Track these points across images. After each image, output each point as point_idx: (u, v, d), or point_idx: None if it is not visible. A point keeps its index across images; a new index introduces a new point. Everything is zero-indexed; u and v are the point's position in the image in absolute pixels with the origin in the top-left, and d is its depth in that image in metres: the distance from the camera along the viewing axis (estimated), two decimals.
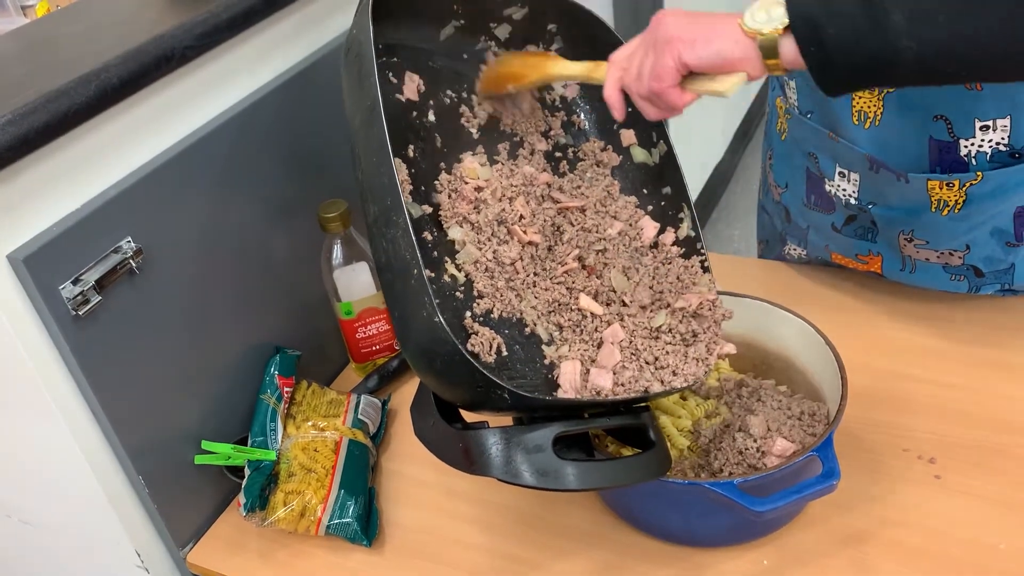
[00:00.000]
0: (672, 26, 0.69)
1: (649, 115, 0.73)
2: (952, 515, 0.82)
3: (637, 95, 0.73)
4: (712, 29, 0.68)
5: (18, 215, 0.74)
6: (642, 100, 0.73)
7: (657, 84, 0.70)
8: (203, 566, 0.92)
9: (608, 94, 0.75)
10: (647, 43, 0.72)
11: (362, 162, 0.72)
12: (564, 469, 0.68)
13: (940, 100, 0.86)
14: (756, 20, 0.66)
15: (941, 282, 0.99)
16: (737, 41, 0.67)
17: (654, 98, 0.71)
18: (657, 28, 0.70)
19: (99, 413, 0.82)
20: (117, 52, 0.78)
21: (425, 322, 0.66)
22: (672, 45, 0.68)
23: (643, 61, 0.72)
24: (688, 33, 0.68)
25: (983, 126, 0.86)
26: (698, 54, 0.68)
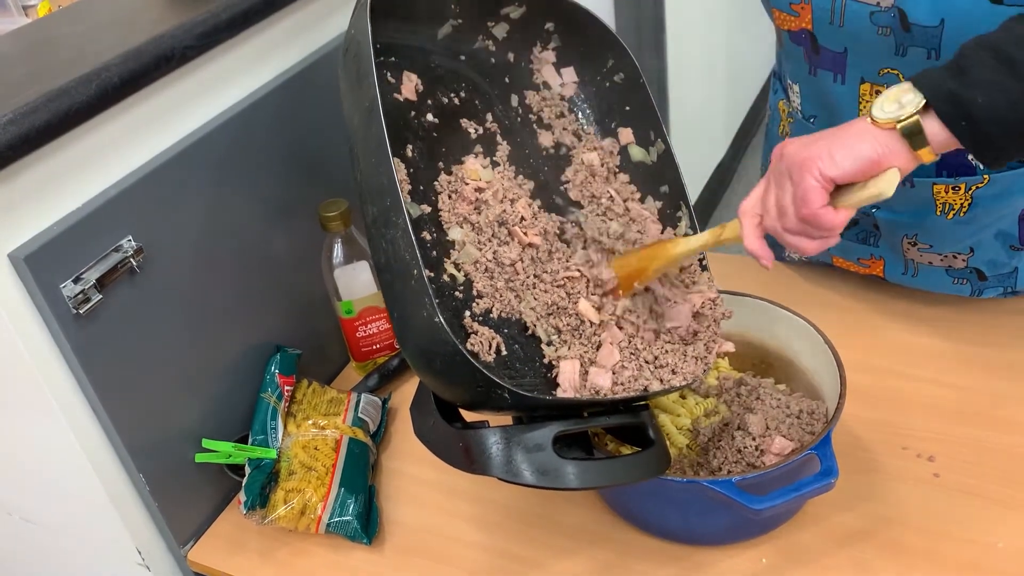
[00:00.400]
0: (800, 149, 0.66)
1: (807, 250, 0.68)
2: (950, 514, 0.82)
3: (786, 232, 0.68)
4: (843, 137, 0.65)
5: (19, 214, 0.74)
6: (794, 236, 0.68)
7: (807, 210, 0.65)
8: (204, 564, 0.92)
9: (751, 246, 0.71)
10: (777, 178, 0.68)
11: (361, 162, 0.72)
12: (564, 468, 0.69)
13: None
14: (886, 111, 0.63)
15: (944, 285, 0.99)
16: (875, 138, 0.64)
17: (807, 228, 0.66)
18: (782, 158, 0.67)
19: (100, 411, 0.82)
20: (117, 52, 0.79)
21: (425, 322, 0.66)
22: (808, 165, 0.64)
23: (780, 196, 0.67)
24: (819, 149, 0.65)
25: None
26: (838, 164, 0.64)
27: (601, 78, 0.91)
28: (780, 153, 0.68)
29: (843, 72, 0.88)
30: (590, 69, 0.91)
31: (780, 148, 0.68)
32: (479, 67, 0.87)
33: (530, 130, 0.89)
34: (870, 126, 0.64)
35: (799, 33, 0.89)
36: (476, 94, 0.87)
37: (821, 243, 0.68)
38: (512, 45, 0.88)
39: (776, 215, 0.68)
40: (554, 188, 0.89)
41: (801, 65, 0.93)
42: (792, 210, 0.66)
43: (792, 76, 0.97)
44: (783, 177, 0.67)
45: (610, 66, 0.90)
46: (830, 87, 0.90)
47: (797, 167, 0.65)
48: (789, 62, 0.97)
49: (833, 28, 0.85)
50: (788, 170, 0.66)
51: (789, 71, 0.98)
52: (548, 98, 0.91)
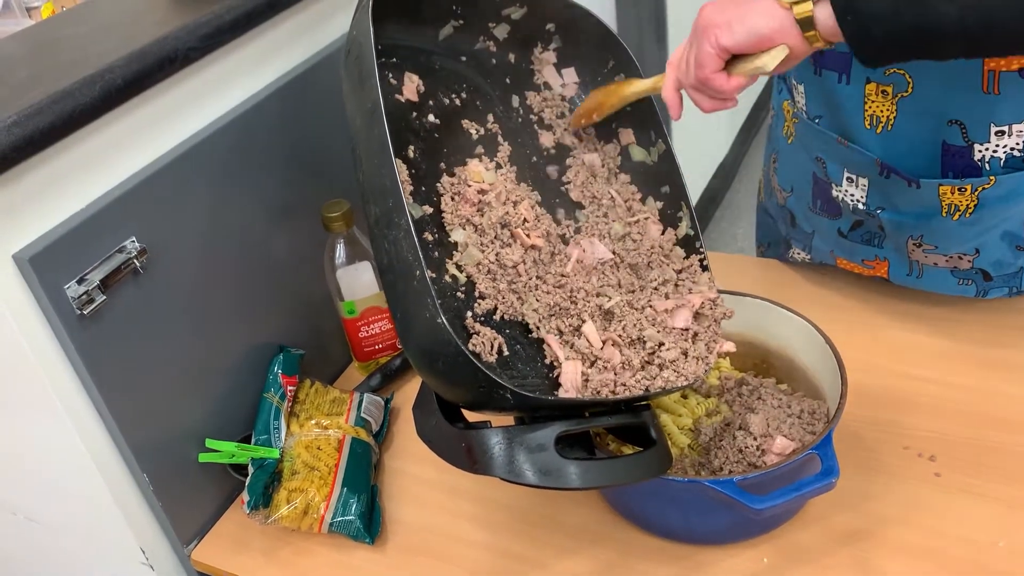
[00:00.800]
0: (708, 13, 0.71)
1: (704, 107, 0.74)
2: (951, 513, 0.82)
3: (689, 87, 0.74)
4: (746, 8, 0.69)
5: (23, 215, 0.75)
6: (694, 92, 0.74)
7: (701, 71, 0.71)
8: (207, 563, 0.92)
9: (665, 93, 0.77)
10: (691, 37, 0.73)
11: (363, 163, 0.72)
12: (566, 468, 0.69)
13: (955, 104, 0.85)
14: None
15: (949, 287, 0.99)
16: (772, 15, 0.68)
17: (702, 87, 0.73)
18: (697, 18, 0.72)
19: (104, 412, 0.82)
20: (121, 53, 0.79)
21: (427, 323, 0.67)
22: (709, 31, 0.70)
23: (688, 53, 0.73)
24: (723, 16, 0.70)
25: (999, 131, 0.85)
26: (733, 34, 0.69)
27: (602, 79, 0.91)
28: (700, 11, 0.72)
29: (848, 72, 0.88)
30: (591, 70, 0.91)
31: (702, 8, 0.72)
32: (480, 68, 0.88)
33: (531, 131, 0.90)
34: (772, 3, 0.68)
35: None
36: (477, 95, 0.87)
37: (717, 104, 0.74)
38: (513, 46, 0.89)
39: (684, 69, 0.74)
40: (555, 189, 0.89)
41: (806, 65, 0.93)
42: (692, 69, 0.72)
43: (797, 76, 0.97)
44: (694, 36, 0.72)
45: (611, 67, 0.90)
46: (835, 87, 0.90)
47: (701, 30, 0.71)
48: None
49: None
50: (696, 32, 0.71)
51: (794, 71, 0.98)
52: (549, 99, 0.91)
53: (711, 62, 0.71)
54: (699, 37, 0.71)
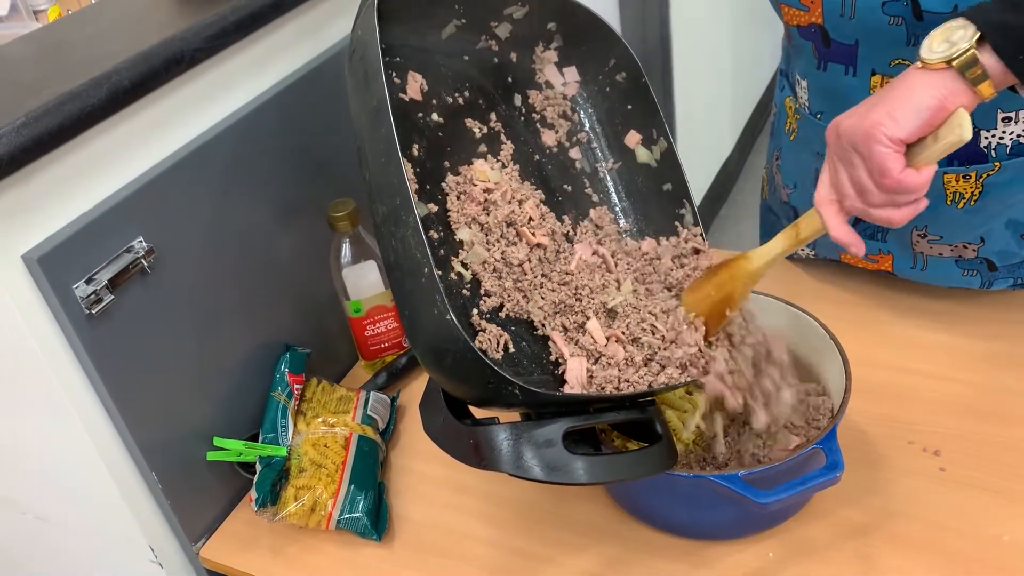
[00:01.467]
0: (857, 122, 0.63)
1: (898, 221, 0.65)
2: (956, 507, 0.82)
3: (873, 208, 0.65)
4: (897, 94, 0.62)
5: (32, 216, 0.75)
6: (881, 210, 0.65)
7: (889, 179, 0.62)
8: (216, 561, 0.93)
9: (839, 235, 0.67)
10: (843, 156, 0.65)
11: (370, 162, 0.72)
12: (574, 463, 0.69)
13: None
14: (936, 51, 0.61)
15: (954, 278, 0.99)
16: (930, 83, 0.61)
17: (893, 198, 0.63)
18: (840, 136, 0.64)
19: (112, 410, 0.83)
20: (128, 55, 0.80)
21: (436, 320, 0.67)
22: (872, 134, 0.62)
23: (854, 174, 0.64)
24: (877, 114, 0.62)
25: (1005, 117, 0.85)
26: (901, 123, 0.61)
27: (603, 77, 0.91)
28: (836, 132, 0.65)
29: (854, 64, 0.89)
30: (592, 68, 0.91)
31: (835, 126, 0.65)
32: (482, 67, 0.88)
33: (533, 129, 0.90)
34: (922, 72, 0.61)
35: (808, 28, 0.89)
36: (480, 94, 0.87)
37: (910, 209, 0.64)
38: (515, 45, 0.89)
39: (856, 194, 0.65)
40: (558, 187, 0.89)
41: (810, 60, 0.93)
42: (872, 184, 0.63)
43: (800, 72, 0.97)
44: (849, 154, 0.64)
45: (612, 65, 0.90)
46: (841, 80, 0.90)
47: (862, 140, 0.62)
48: (797, 58, 0.97)
49: (844, 20, 0.85)
50: (852, 146, 0.63)
51: (797, 67, 0.98)
52: (551, 97, 0.91)
53: (894, 163, 0.61)
54: (861, 146, 0.62)
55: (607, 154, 0.93)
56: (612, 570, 0.83)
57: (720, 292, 0.77)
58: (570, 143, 0.92)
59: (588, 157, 0.92)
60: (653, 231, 0.91)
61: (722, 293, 0.77)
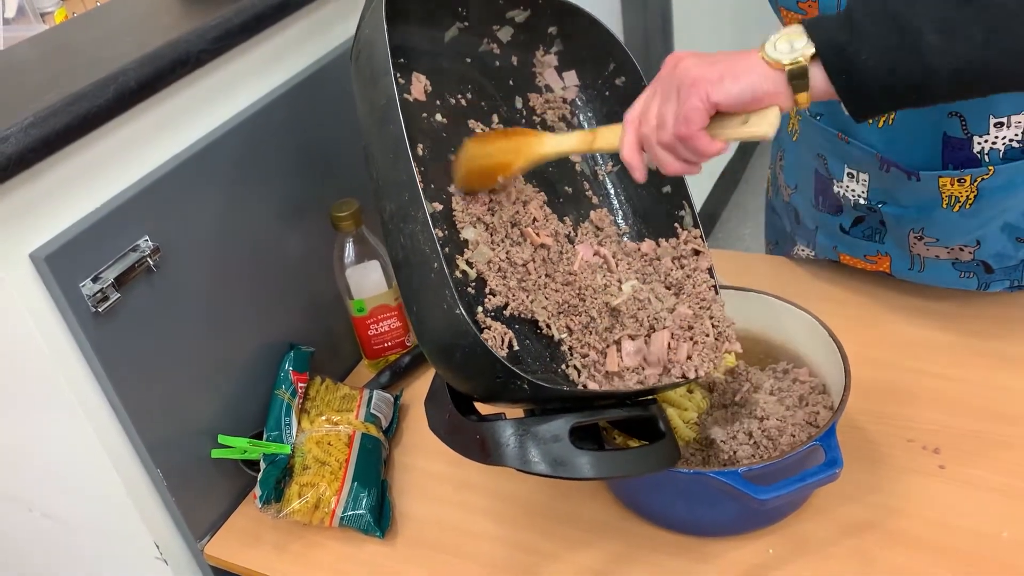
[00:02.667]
0: (693, 67, 0.65)
1: (669, 168, 0.69)
2: (955, 505, 0.83)
3: (659, 145, 0.68)
4: (737, 65, 0.65)
5: (40, 215, 0.76)
6: (663, 151, 0.68)
7: (685, 128, 0.65)
8: (220, 557, 0.93)
9: (627, 155, 0.70)
10: (665, 89, 0.67)
11: (377, 159, 0.72)
12: (580, 459, 0.69)
13: None
14: (779, 51, 0.64)
15: (951, 280, 0.99)
16: (766, 75, 0.64)
17: (679, 146, 0.67)
18: (675, 71, 0.66)
19: (118, 408, 0.84)
20: (134, 56, 0.80)
21: (445, 315, 0.67)
22: (698, 86, 0.64)
23: (664, 108, 0.67)
24: (713, 72, 0.65)
25: (998, 122, 0.86)
26: (727, 91, 0.64)
27: (603, 82, 0.92)
28: (675, 64, 0.67)
29: None
30: (592, 73, 0.92)
31: (676, 58, 0.67)
32: (484, 69, 0.89)
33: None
34: (763, 63, 0.65)
35: None
36: (482, 96, 0.88)
37: (685, 166, 0.68)
38: (516, 48, 0.90)
39: (655, 126, 0.68)
40: (559, 189, 0.90)
41: None
42: (671, 125, 0.66)
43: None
44: (671, 90, 0.67)
45: (612, 69, 0.91)
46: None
47: (687, 85, 0.65)
48: None
49: None
50: (678, 85, 0.66)
51: None
52: (551, 100, 0.92)
53: (699, 118, 0.65)
54: (683, 90, 0.65)
55: (606, 157, 0.93)
56: (614, 566, 0.84)
57: (501, 157, 0.79)
58: None
59: (587, 160, 0.93)
60: (652, 233, 0.91)
61: (502, 159, 0.79)
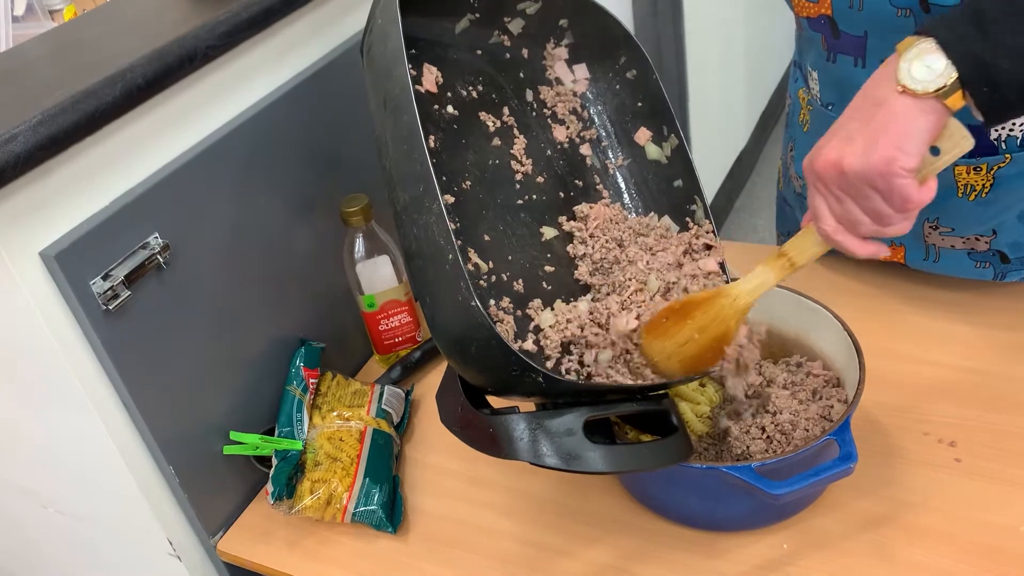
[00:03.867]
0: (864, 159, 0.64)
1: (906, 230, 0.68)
2: (972, 498, 0.82)
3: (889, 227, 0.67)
4: (894, 121, 0.64)
5: (49, 213, 0.76)
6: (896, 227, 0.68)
7: (910, 204, 0.65)
8: (233, 554, 0.94)
9: (866, 252, 0.70)
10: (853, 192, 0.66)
11: (390, 150, 0.71)
12: (593, 453, 0.69)
13: None
14: (918, 78, 0.63)
15: (966, 270, 0.98)
16: (921, 110, 0.63)
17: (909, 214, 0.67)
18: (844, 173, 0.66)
19: (130, 405, 0.84)
20: (142, 53, 0.80)
21: (460, 307, 0.67)
22: (891, 170, 0.64)
23: (868, 206, 0.66)
24: (887, 149, 0.64)
25: None
26: (913, 153, 0.64)
27: (613, 75, 0.91)
28: (839, 170, 0.66)
29: (863, 56, 0.88)
30: (602, 66, 0.91)
31: (830, 166, 0.66)
32: (494, 62, 0.88)
33: (545, 124, 0.90)
34: (907, 98, 0.63)
35: (818, 19, 0.89)
36: (492, 88, 0.88)
37: (915, 216, 0.68)
38: (526, 41, 0.89)
39: (872, 221, 0.67)
40: (569, 182, 0.89)
41: (820, 52, 0.93)
42: (891, 211, 0.66)
43: (811, 63, 0.97)
44: (863, 190, 0.66)
45: (622, 63, 0.90)
46: (851, 72, 0.90)
47: (879, 176, 0.64)
48: (808, 50, 0.97)
49: (852, 12, 0.85)
50: (868, 184, 0.65)
51: (808, 59, 0.98)
52: (561, 93, 0.91)
53: (914, 191, 0.64)
54: (882, 182, 0.64)
55: (617, 151, 0.93)
56: (627, 561, 0.83)
57: (707, 334, 0.77)
58: (580, 140, 0.92)
59: (598, 153, 0.92)
60: None
61: (710, 335, 0.77)
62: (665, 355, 0.78)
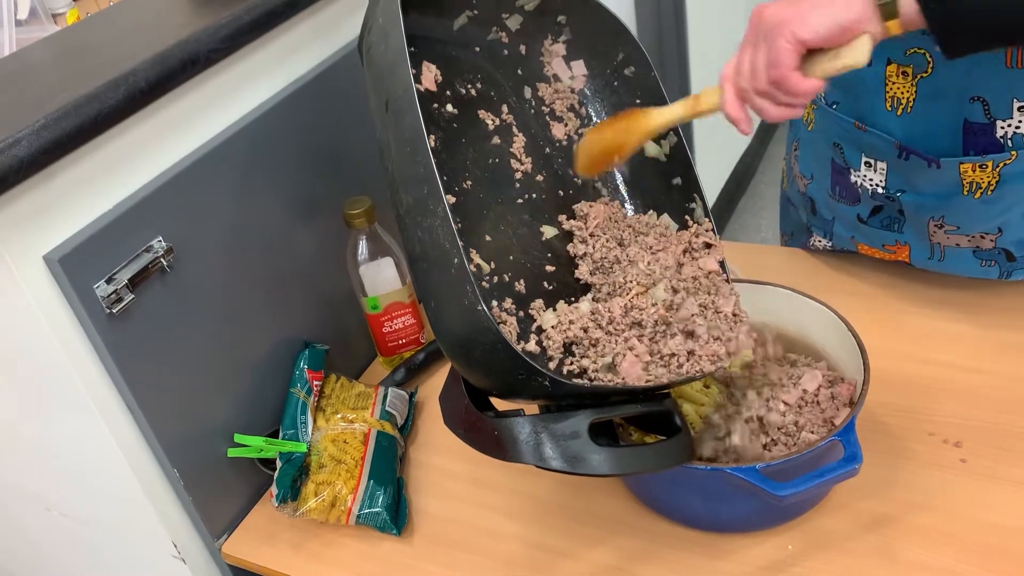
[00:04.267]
0: (774, 9, 0.66)
1: (770, 115, 0.69)
2: (977, 499, 0.82)
3: (755, 94, 0.69)
4: (818, 1, 0.65)
5: (53, 217, 0.76)
6: (761, 99, 0.69)
7: (776, 71, 0.66)
8: (237, 556, 0.94)
9: (729, 110, 0.71)
10: (752, 38, 0.69)
11: (393, 152, 0.71)
12: (598, 455, 0.69)
13: (977, 81, 0.85)
14: None
15: (971, 268, 0.98)
16: (848, 4, 0.64)
17: (774, 91, 0.68)
18: (760, 19, 0.68)
19: (134, 408, 0.84)
20: (144, 57, 0.80)
21: (466, 311, 0.66)
22: (782, 27, 0.65)
23: (755, 57, 0.68)
24: (796, 11, 0.65)
25: (1021, 106, 0.84)
26: (812, 27, 0.64)
27: (611, 71, 0.91)
28: (759, 14, 0.68)
29: None
30: (600, 62, 0.91)
31: (759, 10, 0.68)
32: (493, 59, 0.88)
33: (543, 122, 0.90)
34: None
35: None
36: (491, 85, 0.87)
37: (785, 110, 0.68)
38: (524, 37, 0.89)
39: (748, 76, 0.69)
40: (568, 180, 0.89)
41: None
42: (763, 71, 0.67)
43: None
44: (759, 38, 0.68)
45: (620, 59, 0.90)
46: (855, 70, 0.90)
47: (772, 28, 0.66)
48: None
49: None
50: (765, 32, 0.67)
51: None
52: (560, 90, 0.91)
53: (788, 58, 0.65)
54: (769, 35, 0.66)
55: None
56: (631, 563, 0.83)
57: (616, 138, 0.80)
58: (579, 137, 0.91)
59: None
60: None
61: (616, 140, 0.80)
62: (583, 146, 0.83)
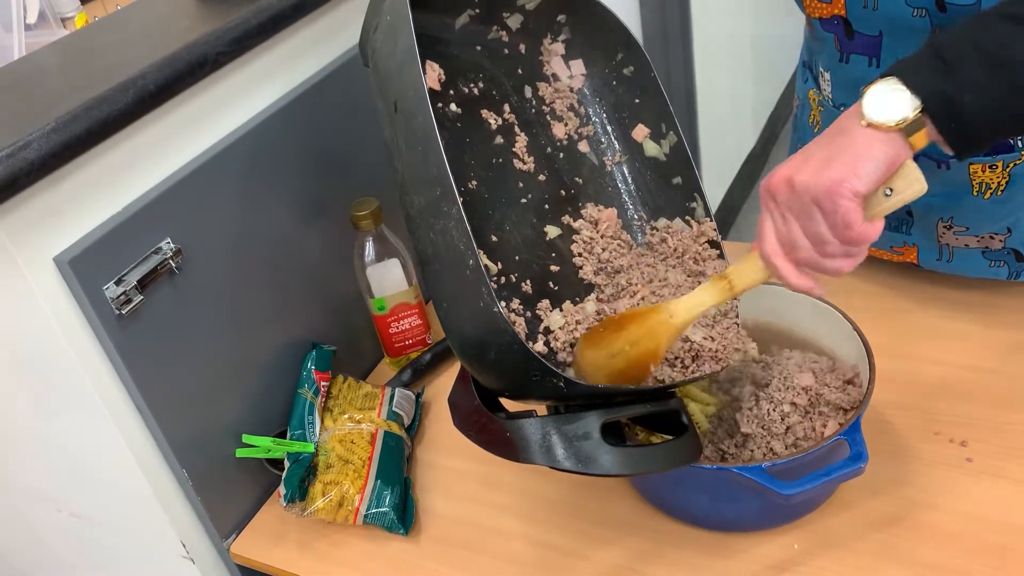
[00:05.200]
0: (813, 174, 0.64)
1: (846, 270, 0.67)
2: (983, 498, 0.82)
3: (827, 259, 0.66)
4: (853, 147, 0.64)
5: (63, 219, 0.77)
6: (835, 261, 0.66)
7: (851, 231, 0.63)
8: (246, 556, 0.94)
9: (797, 283, 0.68)
10: (797, 210, 0.66)
11: (404, 153, 0.71)
12: (608, 455, 0.69)
13: None
14: (881, 112, 0.63)
15: (980, 269, 0.98)
16: (883, 141, 0.63)
17: (849, 249, 0.65)
18: (793, 187, 0.65)
19: (143, 409, 0.84)
20: (153, 60, 0.81)
21: (481, 312, 0.66)
22: (839, 187, 0.63)
23: (811, 227, 0.65)
24: (840, 170, 0.63)
25: None
26: (867, 178, 0.63)
27: (610, 71, 0.91)
28: (789, 186, 0.65)
29: (878, 56, 0.88)
30: (599, 62, 0.91)
31: (783, 181, 0.66)
32: (494, 58, 0.88)
33: (544, 121, 0.90)
34: (869, 130, 0.64)
35: (831, 20, 0.89)
36: (493, 84, 0.87)
37: (857, 260, 0.67)
38: (524, 36, 0.89)
39: (812, 246, 0.66)
40: (569, 180, 0.90)
41: (832, 53, 0.93)
42: (832, 237, 0.65)
43: (823, 64, 0.97)
44: (809, 209, 0.65)
45: (620, 59, 0.90)
46: (864, 72, 0.90)
47: (825, 195, 0.63)
48: (820, 50, 0.96)
49: (867, 12, 0.85)
50: (814, 201, 0.64)
51: (820, 60, 0.97)
52: (560, 90, 0.91)
53: (857, 217, 0.63)
54: (824, 200, 0.63)
55: (615, 148, 0.92)
56: (639, 562, 0.84)
57: (637, 348, 0.75)
58: (578, 136, 0.91)
59: (596, 151, 0.92)
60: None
61: (640, 349, 0.75)
62: (595, 366, 0.77)
